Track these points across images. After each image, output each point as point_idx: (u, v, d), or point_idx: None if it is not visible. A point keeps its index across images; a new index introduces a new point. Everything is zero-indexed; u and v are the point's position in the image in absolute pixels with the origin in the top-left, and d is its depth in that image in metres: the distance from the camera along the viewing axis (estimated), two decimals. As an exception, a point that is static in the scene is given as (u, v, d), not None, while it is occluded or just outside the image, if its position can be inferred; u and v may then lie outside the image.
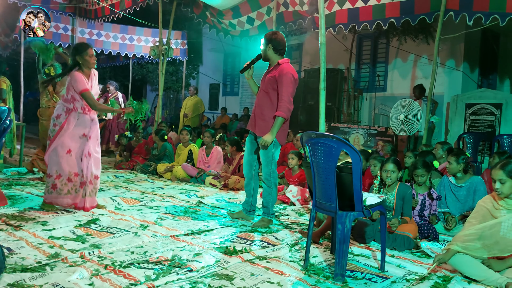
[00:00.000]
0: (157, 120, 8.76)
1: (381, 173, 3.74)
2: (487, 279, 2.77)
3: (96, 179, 4.31)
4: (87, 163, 4.23)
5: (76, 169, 4.20)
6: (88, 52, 4.20)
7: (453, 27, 6.86)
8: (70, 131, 4.18)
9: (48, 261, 2.84)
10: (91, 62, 4.23)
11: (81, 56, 4.18)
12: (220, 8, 7.79)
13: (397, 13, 6.17)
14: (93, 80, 4.34)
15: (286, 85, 3.91)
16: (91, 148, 4.27)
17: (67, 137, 4.16)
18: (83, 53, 4.18)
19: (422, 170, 3.94)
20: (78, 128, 4.21)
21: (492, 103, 7.59)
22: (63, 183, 4.16)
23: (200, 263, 2.94)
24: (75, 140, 4.20)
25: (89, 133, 4.26)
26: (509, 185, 2.83)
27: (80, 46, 4.29)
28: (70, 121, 4.18)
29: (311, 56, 11.11)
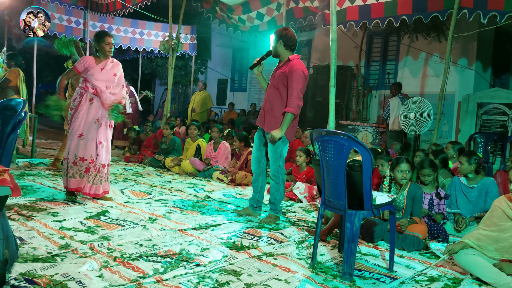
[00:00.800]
0: (166, 114, 8.78)
1: (395, 173, 3.70)
2: (499, 281, 2.74)
3: (103, 168, 4.34)
4: (100, 151, 4.29)
5: (84, 154, 4.25)
6: (105, 39, 4.33)
7: (466, 25, 6.78)
8: (84, 114, 4.26)
9: (58, 251, 2.87)
10: (106, 50, 4.34)
11: (98, 43, 4.34)
12: (230, 3, 7.76)
13: (410, 10, 6.12)
14: (109, 65, 4.38)
15: (296, 81, 3.89)
16: (102, 135, 4.32)
17: (82, 121, 4.26)
18: (100, 40, 4.34)
19: (429, 169, 3.90)
20: (92, 111, 4.28)
21: (505, 103, 7.49)
22: (69, 166, 4.25)
23: (208, 257, 2.95)
24: (88, 125, 4.27)
25: (101, 120, 4.31)
26: None
27: (99, 33, 4.46)
28: (82, 103, 4.29)
29: (320, 52, 11.05)
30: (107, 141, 4.39)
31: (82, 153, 4.25)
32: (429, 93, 8.91)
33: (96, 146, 4.28)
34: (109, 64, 4.39)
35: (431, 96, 8.06)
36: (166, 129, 7.25)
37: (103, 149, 4.33)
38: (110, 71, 4.39)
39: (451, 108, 8.72)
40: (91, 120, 4.28)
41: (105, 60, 4.38)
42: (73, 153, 4.25)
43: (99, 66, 4.32)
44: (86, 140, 4.26)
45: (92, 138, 4.28)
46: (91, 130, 4.27)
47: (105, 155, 4.34)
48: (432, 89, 8.76)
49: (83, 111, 4.27)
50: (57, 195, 4.47)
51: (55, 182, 5.13)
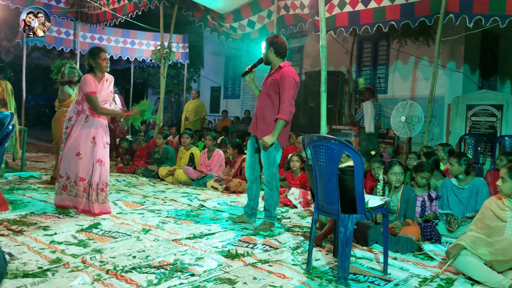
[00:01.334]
0: (159, 123, 8.77)
1: (389, 176, 3.72)
2: (490, 280, 2.78)
3: (102, 187, 4.29)
4: (99, 170, 4.25)
5: (83, 174, 4.21)
6: (101, 55, 4.28)
7: (453, 29, 6.86)
8: (80, 133, 4.22)
9: (49, 266, 2.83)
10: (103, 66, 4.29)
11: (94, 59, 4.27)
12: (221, 11, 7.81)
13: (397, 16, 6.19)
14: (106, 84, 4.35)
15: (288, 88, 3.91)
16: (99, 154, 4.26)
17: (78, 140, 4.21)
18: (96, 56, 4.27)
19: (427, 173, 4.00)
20: (88, 131, 4.23)
21: (493, 104, 7.58)
22: (71, 185, 4.21)
23: (202, 267, 2.93)
24: (85, 144, 4.22)
25: (98, 138, 4.26)
26: (508, 186, 2.89)
27: (94, 49, 4.40)
28: (78, 122, 4.25)
29: (312, 58, 11.12)
30: (105, 160, 4.34)
31: (81, 173, 4.20)
32: (419, 96, 8.99)
33: (93, 165, 4.23)
34: (105, 83, 4.35)
35: (422, 99, 8.13)
36: (159, 139, 7.24)
37: (103, 167, 4.28)
38: (108, 89, 4.36)
39: (441, 110, 8.80)
40: (88, 139, 4.23)
41: (102, 76, 4.32)
42: (74, 172, 4.19)
43: (99, 87, 4.26)
44: (85, 160, 4.21)
45: (90, 157, 4.23)
46: (89, 150, 4.23)
47: (103, 174, 4.29)
48: (422, 92, 8.83)
49: (78, 129, 4.23)
50: (48, 209, 4.42)
51: (45, 195, 5.09)
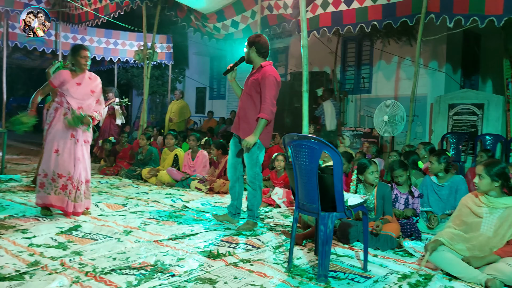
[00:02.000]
0: (143, 124, 8.70)
1: (367, 175, 3.75)
2: (467, 275, 2.82)
3: (81, 184, 4.26)
4: (78, 168, 4.21)
5: (62, 170, 4.16)
6: (80, 53, 4.25)
7: (435, 29, 6.96)
8: (58, 129, 4.17)
9: (27, 269, 2.79)
10: (82, 63, 4.25)
11: (74, 56, 4.26)
12: (204, 11, 7.79)
13: (380, 16, 6.25)
14: (85, 81, 4.29)
15: (269, 87, 3.92)
16: (79, 152, 4.23)
17: (55, 136, 4.17)
18: (75, 54, 4.25)
19: (400, 170, 4.03)
20: (66, 126, 4.17)
21: (474, 103, 7.70)
22: (48, 182, 4.16)
23: (183, 267, 2.92)
24: (64, 141, 4.17)
25: (77, 135, 4.22)
26: (485, 183, 2.93)
27: (75, 46, 4.38)
28: (56, 118, 4.20)
29: (297, 59, 11.15)
30: (85, 157, 4.29)
31: (59, 169, 4.15)
32: (402, 95, 9.08)
33: (74, 162, 4.19)
34: (86, 79, 4.29)
35: (405, 99, 8.21)
36: (142, 140, 7.18)
37: (81, 166, 4.24)
38: (87, 87, 4.30)
39: (424, 109, 8.91)
40: (66, 135, 4.18)
41: (81, 74, 4.28)
42: (50, 169, 4.15)
43: (75, 80, 4.22)
44: (63, 156, 4.16)
45: (69, 154, 4.18)
46: (68, 146, 4.18)
47: (83, 171, 4.26)
48: (405, 92, 8.92)
49: (57, 126, 4.18)
50: (28, 212, 4.35)
51: (25, 198, 5.00)
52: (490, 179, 2.91)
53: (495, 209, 2.93)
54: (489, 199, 2.96)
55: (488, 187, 2.94)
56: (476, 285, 2.77)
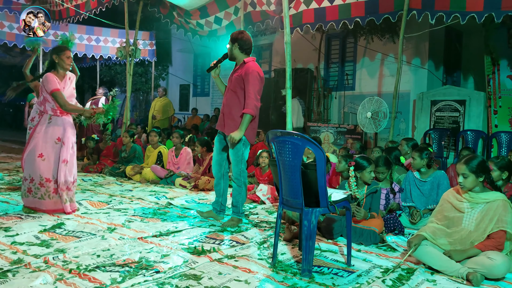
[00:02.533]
0: (126, 122, 8.61)
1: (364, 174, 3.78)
2: (449, 269, 2.87)
3: (73, 184, 4.29)
4: (64, 170, 4.19)
5: (48, 175, 4.14)
6: (65, 53, 4.26)
7: (418, 26, 7.05)
8: (42, 134, 4.14)
9: (10, 267, 2.76)
10: (66, 63, 4.25)
11: (58, 56, 4.23)
12: (187, 8, 7.74)
13: (362, 13, 6.30)
14: (68, 82, 4.30)
15: (252, 82, 3.92)
16: (65, 153, 4.20)
17: (40, 141, 4.13)
18: (60, 53, 4.23)
19: (383, 167, 4.08)
20: (51, 131, 4.16)
21: (456, 99, 7.84)
22: (36, 187, 4.14)
23: (168, 264, 2.91)
24: (49, 145, 4.15)
25: (63, 137, 4.20)
26: (471, 180, 2.96)
27: (59, 46, 4.38)
28: (41, 123, 4.17)
29: (281, 56, 11.18)
30: (71, 159, 4.28)
31: (46, 174, 4.13)
32: (386, 92, 9.19)
33: (58, 165, 4.17)
34: (68, 81, 4.30)
35: (388, 96, 8.32)
36: (126, 137, 7.12)
37: (67, 168, 4.22)
38: (70, 87, 4.32)
39: (407, 106, 9.04)
40: (51, 140, 4.16)
41: (64, 74, 4.28)
42: (38, 174, 4.12)
43: (62, 85, 4.21)
44: (49, 161, 4.15)
45: (55, 158, 4.17)
46: (53, 150, 4.16)
47: (69, 172, 4.24)
48: (389, 89, 9.03)
49: (42, 131, 4.15)
50: (10, 210, 4.29)
51: (8, 196, 4.93)
52: (475, 176, 2.94)
53: (476, 204, 2.97)
54: (470, 194, 3.00)
55: (474, 184, 2.96)
56: (458, 278, 2.82)
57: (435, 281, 2.80)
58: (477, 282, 2.71)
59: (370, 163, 3.78)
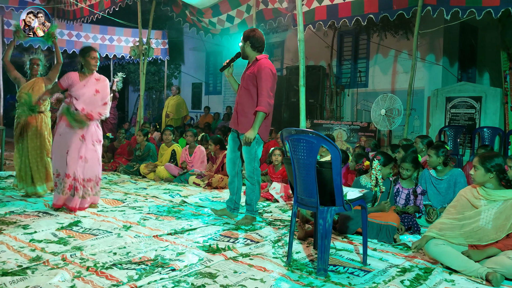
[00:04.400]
0: (139, 120, 8.68)
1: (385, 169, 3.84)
2: (468, 269, 2.82)
3: (89, 182, 4.34)
4: (82, 166, 4.27)
5: (69, 171, 4.23)
6: (90, 54, 4.33)
7: (432, 22, 6.96)
8: (66, 130, 4.24)
9: (29, 264, 2.80)
10: (92, 64, 4.32)
11: (84, 57, 4.32)
12: (199, 6, 7.75)
13: (376, 9, 6.23)
14: (92, 84, 4.32)
15: (265, 80, 3.91)
16: (85, 151, 4.28)
17: (64, 137, 4.24)
18: (85, 54, 4.32)
19: (409, 164, 3.99)
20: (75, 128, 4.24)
21: (472, 96, 7.72)
22: (59, 182, 4.26)
23: (183, 262, 2.93)
24: (73, 141, 4.24)
25: (87, 135, 4.29)
26: (480, 174, 2.93)
27: (85, 47, 4.46)
28: (63, 118, 4.27)
29: (293, 53, 11.14)
30: (91, 156, 4.34)
31: (68, 169, 4.22)
32: (399, 89, 9.10)
33: (82, 162, 4.27)
34: (92, 80, 4.34)
35: (402, 92, 8.24)
36: (140, 136, 7.17)
37: (86, 165, 4.30)
38: (93, 87, 4.32)
39: (421, 103, 8.93)
40: (76, 137, 4.24)
41: (89, 75, 4.34)
42: (62, 169, 4.24)
43: (82, 83, 4.27)
44: (71, 156, 4.23)
45: (77, 154, 4.25)
46: (77, 147, 4.25)
47: (87, 170, 4.31)
48: (402, 86, 8.95)
49: (64, 126, 4.25)
50: (28, 208, 4.37)
51: (25, 194, 5.01)
52: (484, 170, 2.91)
53: (494, 202, 2.93)
54: (487, 191, 2.96)
55: (483, 179, 2.94)
56: (477, 279, 2.77)
57: (453, 281, 2.76)
58: (496, 282, 2.66)
59: (391, 160, 3.78)
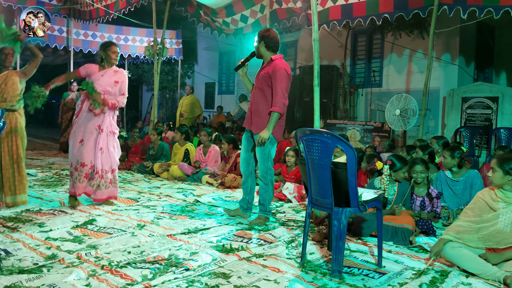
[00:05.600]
0: (153, 119, 8.74)
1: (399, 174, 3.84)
2: (485, 272, 2.77)
3: (107, 173, 4.44)
4: (100, 157, 4.39)
5: (85, 160, 4.34)
6: (111, 48, 4.49)
7: (448, 21, 6.86)
8: (83, 121, 4.37)
9: (45, 262, 2.84)
10: (112, 58, 4.47)
11: (105, 51, 4.47)
12: (213, 6, 7.77)
13: (391, 8, 6.16)
14: (111, 74, 4.45)
15: (280, 80, 3.90)
16: (103, 142, 4.40)
17: (81, 125, 4.37)
18: (106, 48, 4.47)
19: (420, 167, 3.91)
20: (92, 118, 4.37)
21: (488, 96, 7.59)
22: (73, 171, 4.38)
23: (197, 261, 2.93)
24: (89, 131, 4.37)
25: (103, 125, 4.41)
26: (499, 176, 2.87)
27: (106, 42, 4.66)
28: (83, 109, 4.41)
29: (306, 52, 11.09)
30: (108, 148, 4.46)
31: (82, 158, 4.34)
32: (414, 89, 8.99)
33: (95, 151, 4.37)
34: (111, 71, 4.48)
35: (417, 92, 8.14)
36: (153, 135, 7.21)
37: (103, 155, 4.41)
38: (111, 78, 4.46)
39: (437, 103, 8.81)
40: (91, 126, 4.38)
41: (109, 68, 4.47)
42: (75, 158, 4.36)
43: (101, 73, 4.42)
44: (87, 146, 4.35)
45: (92, 144, 4.37)
46: (92, 136, 4.38)
47: (105, 160, 4.43)
48: (417, 85, 8.84)
49: (83, 117, 4.38)
50: (43, 206, 4.43)
51: (41, 192, 5.08)
52: (503, 172, 2.86)
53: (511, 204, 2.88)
54: (505, 193, 2.90)
55: (501, 181, 2.88)
56: (494, 282, 2.73)
57: (470, 284, 2.72)
58: (515, 286, 2.62)
59: (405, 163, 3.72)
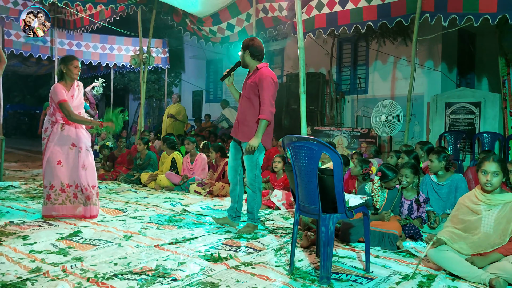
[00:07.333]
0: (140, 129, 8.68)
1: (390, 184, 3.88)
2: (471, 275, 2.80)
3: (93, 188, 4.39)
4: (84, 175, 4.33)
5: (68, 180, 4.29)
6: (73, 62, 4.37)
7: (430, 28, 6.98)
8: (56, 142, 4.28)
9: (29, 275, 2.78)
10: (74, 73, 4.37)
11: (66, 66, 4.35)
12: (199, 15, 7.80)
13: (374, 16, 6.27)
14: (76, 91, 4.42)
15: (267, 88, 3.93)
16: (83, 159, 4.34)
17: (56, 148, 4.27)
18: (68, 63, 4.35)
19: (408, 170, 3.93)
20: (65, 139, 4.31)
21: (471, 101, 7.73)
22: (56, 194, 4.27)
23: (185, 271, 2.91)
24: (64, 152, 4.29)
25: (79, 144, 4.34)
26: (499, 179, 2.90)
27: (67, 56, 4.52)
28: (54, 132, 4.31)
29: (293, 60, 11.17)
30: (90, 164, 4.40)
31: (67, 179, 4.29)
32: (399, 95, 9.10)
33: (78, 170, 4.31)
34: (76, 89, 4.42)
35: (402, 99, 8.24)
36: (140, 144, 7.16)
37: (86, 172, 4.35)
38: (79, 96, 4.44)
39: (421, 109, 8.94)
40: (66, 146, 4.30)
41: (71, 84, 4.40)
42: (58, 180, 4.26)
43: (70, 93, 4.34)
44: (68, 167, 4.28)
45: (74, 163, 4.30)
46: (70, 156, 4.30)
47: (89, 177, 4.37)
48: (402, 92, 8.95)
49: (55, 139, 4.29)
50: (27, 218, 4.34)
51: (25, 205, 4.99)
52: (503, 175, 2.90)
53: (493, 206, 2.91)
54: (486, 196, 2.94)
55: (500, 183, 2.93)
56: (480, 285, 2.75)
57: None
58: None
59: (396, 173, 3.77)
